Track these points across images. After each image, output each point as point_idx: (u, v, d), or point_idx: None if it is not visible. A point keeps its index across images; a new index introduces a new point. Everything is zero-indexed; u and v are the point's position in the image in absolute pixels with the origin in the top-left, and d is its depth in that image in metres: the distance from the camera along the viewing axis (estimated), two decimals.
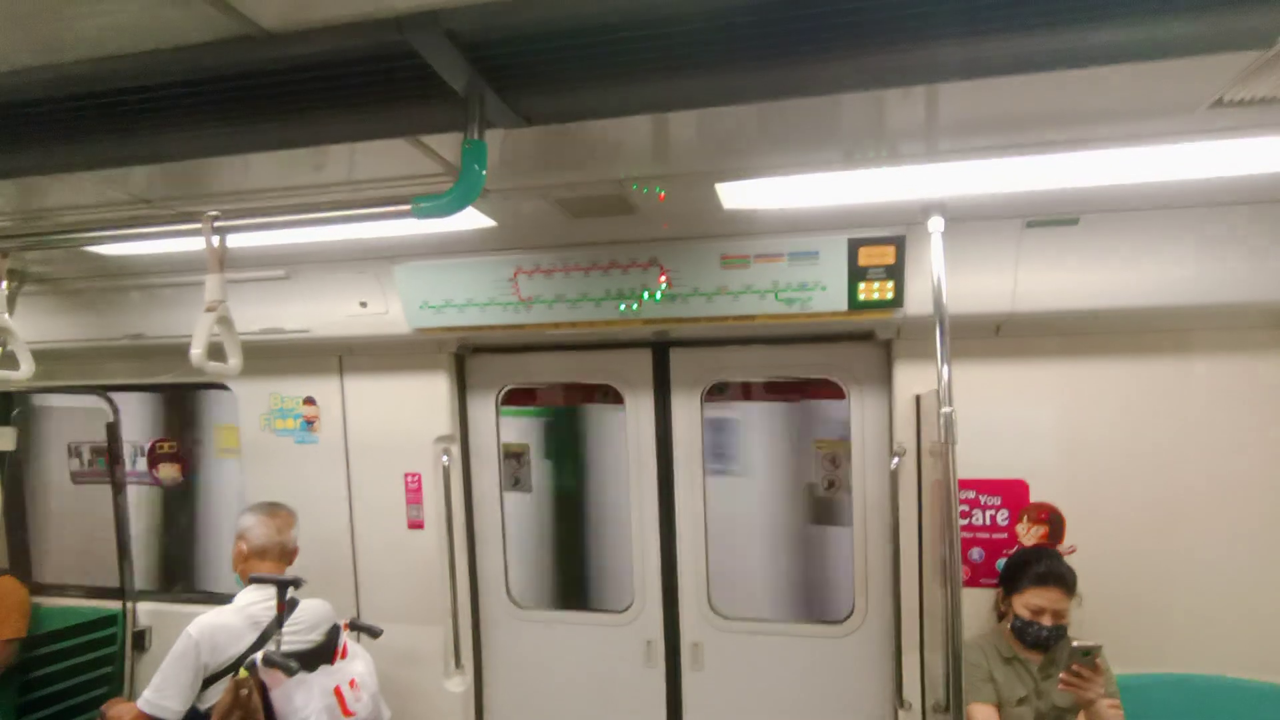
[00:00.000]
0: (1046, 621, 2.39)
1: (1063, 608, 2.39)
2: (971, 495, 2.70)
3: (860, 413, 2.96)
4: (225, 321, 1.81)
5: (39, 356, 2.32)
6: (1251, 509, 2.53)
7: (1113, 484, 2.61)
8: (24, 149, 1.63)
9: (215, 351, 1.80)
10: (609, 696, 3.28)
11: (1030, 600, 2.41)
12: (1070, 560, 2.59)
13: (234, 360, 1.88)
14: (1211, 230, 2.25)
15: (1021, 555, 2.56)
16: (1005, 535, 2.69)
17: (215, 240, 1.74)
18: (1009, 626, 2.49)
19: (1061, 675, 2.23)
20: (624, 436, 3.21)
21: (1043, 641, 2.41)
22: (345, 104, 1.44)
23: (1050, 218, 2.28)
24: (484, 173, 1.38)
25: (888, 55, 1.26)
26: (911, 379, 2.73)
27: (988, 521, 2.70)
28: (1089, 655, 2.18)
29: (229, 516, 3.63)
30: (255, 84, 1.37)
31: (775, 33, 1.21)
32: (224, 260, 1.77)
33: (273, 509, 2.69)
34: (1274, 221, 2.20)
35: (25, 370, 2.21)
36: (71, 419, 3.90)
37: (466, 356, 3.30)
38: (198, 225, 1.72)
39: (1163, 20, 1.15)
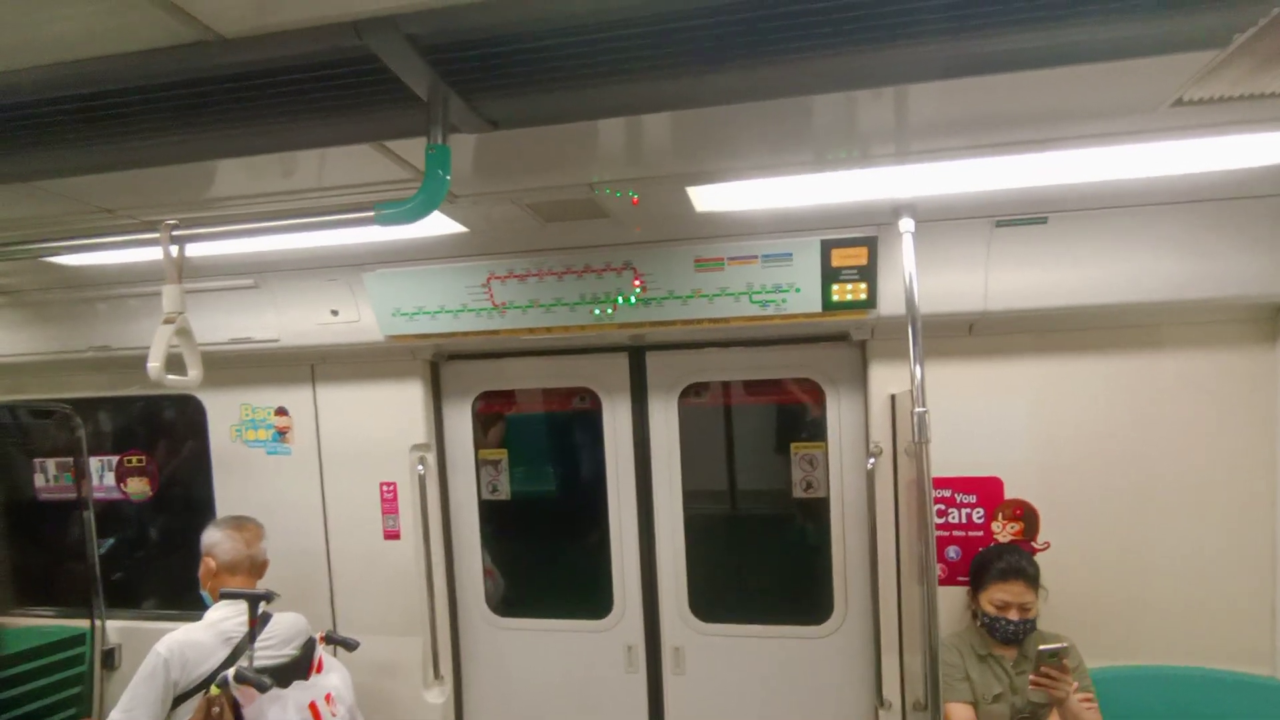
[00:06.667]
0: (1013, 616, 2.41)
1: (1027, 601, 2.41)
2: (947, 494, 2.72)
3: (837, 414, 2.97)
4: (185, 333, 1.76)
5: (2, 370, 2.26)
6: (1222, 501, 2.57)
7: (1086, 479, 2.64)
8: None
9: (176, 363, 1.76)
10: (591, 703, 3.26)
11: (994, 596, 2.44)
12: (1045, 555, 2.62)
13: (194, 372, 1.83)
14: (1177, 227, 2.29)
15: (984, 553, 2.59)
16: (981, 533, 2.71)
17: (174, 250, 1.69)
18: (979, 624, 2.51)
19: (1031, 677, 2.26)
20: (602, 441, 3.19)
21: (1012, 636, 2.43)
22: (308, 110, 1.42)
23: (1019, 217, 2.30)
24: (448, 178, 1.36)
25: (856, 57, 1.26)
26: (886, 379, 2.74)
27: (964, 519, 2.71)
28: (1055, 656, 2.21)
29: None
30: (214, 90, 1.34)
31: (744, 34, 1.20)
32: (183, 270, 1.72)
33: (239, 523, 2.64)
34: (1237, 218, 2.24)
35: None
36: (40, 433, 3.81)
37: (441, 363, 3.27)
38: (155, 234, 1.68)
39: (1122, 20, 1.16)
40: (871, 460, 2.75)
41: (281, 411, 3.23)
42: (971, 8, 1.13)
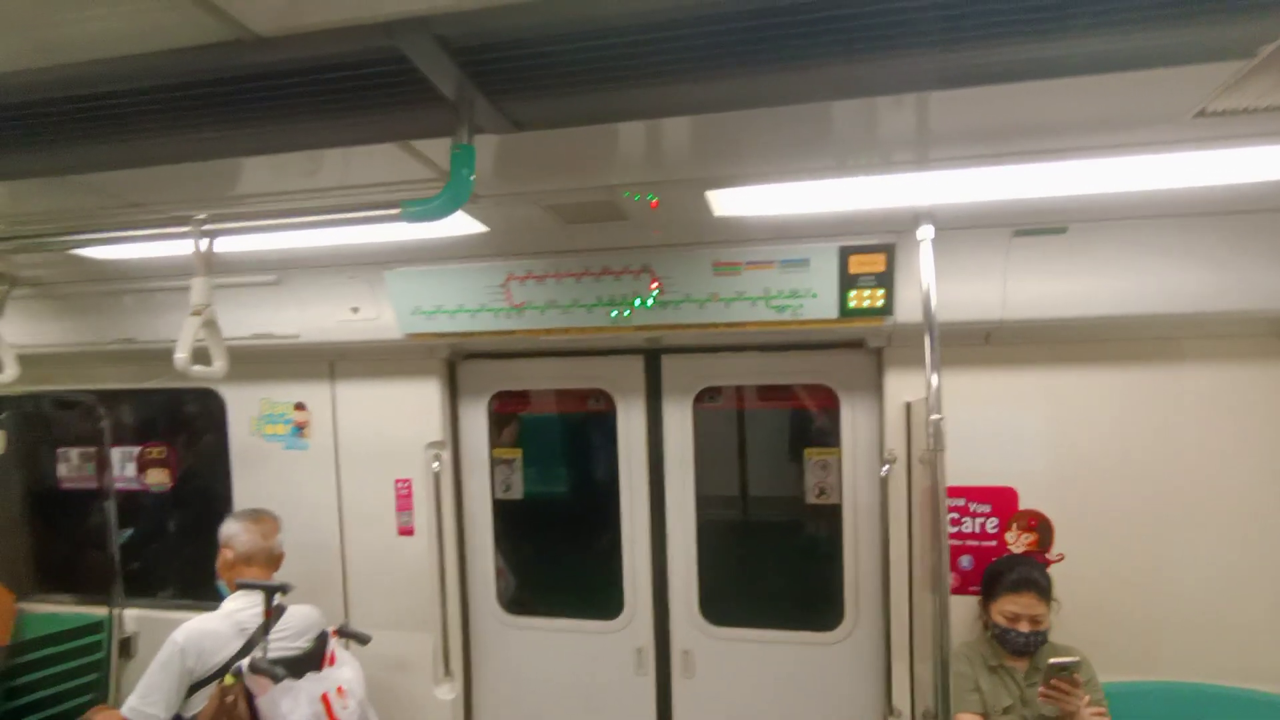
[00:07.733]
0: (1023, 628, 2.39)
1: (1038, 613, 2.40)
2: (961, 503, 2.71)
3: (851, 420, 2.97)
4: (211, 325, 1.80)
5: (29, 360, 2.31)
6: (1238, 515, 2.54)
7: (1101, 491, 2.62)
8: (13, 152, 1.63)
9: (201, 355, 1.80)
10: (599, 704, 3.26)
11: (1005, 607, 2.43)
12: (1059, 568, 2.60)
13: (219, 363, 1.87)
14: (1198, 239, 2.27)
15: (996, 564, 2.57)
16: (995, 543, 2.69)
17: (203, 244, 1.73)
18: (990, 634, 2.50)
19: (1041, 690, 2.25)
20: (616, 443, 3.20)
21: (1023, 648, 2.41)
22: (335, 108, 1.44)
23: (1038, 226, 2.29)
24: (472, 177, 1.38)
25: (878, 63, 1.27)
26: (902, 386, 2.74)
27: (977, 529, 2.70)
28: (1066, 671, 2.20)
29: None
30: (245, 88, 1.37)
31: (767, 40, 1.21)
32: (211, 264, 1.76)
33: (257, 515, 2.68)
34: (1259, 231, 2.22)
35: (9, 374, 2.20)
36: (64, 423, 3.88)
37: (458, 362, 3.30)
38: (186, 229, 1.72)
39: (1147, 30, 1.16)
40: (886, 467, 2.74)
41: (300, 406, 3.26)
42: (994, 16, 1.14)
